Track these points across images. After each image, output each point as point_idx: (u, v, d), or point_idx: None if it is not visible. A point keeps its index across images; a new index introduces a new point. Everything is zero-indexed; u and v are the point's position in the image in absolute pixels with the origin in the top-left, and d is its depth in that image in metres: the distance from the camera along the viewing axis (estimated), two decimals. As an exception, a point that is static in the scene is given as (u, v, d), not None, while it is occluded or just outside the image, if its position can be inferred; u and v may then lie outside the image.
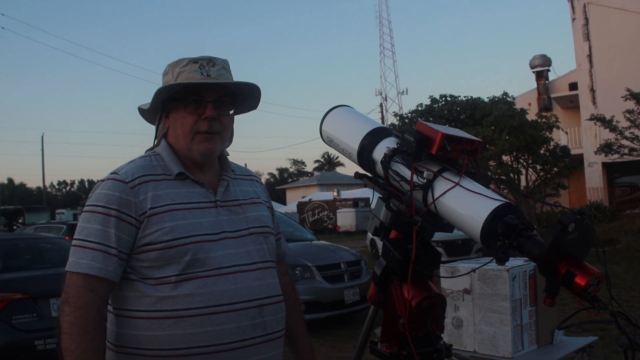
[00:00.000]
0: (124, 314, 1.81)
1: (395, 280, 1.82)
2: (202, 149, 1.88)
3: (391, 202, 1.82)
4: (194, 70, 1.85)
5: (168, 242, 1.76)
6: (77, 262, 1.74)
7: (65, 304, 1.71)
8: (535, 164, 20.77)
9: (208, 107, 1.86)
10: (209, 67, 1.86)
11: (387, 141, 1.87)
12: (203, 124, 1.86)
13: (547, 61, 32.91)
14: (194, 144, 1.87)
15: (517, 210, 1.57)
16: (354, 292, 8.77)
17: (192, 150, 1.88)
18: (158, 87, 1.86)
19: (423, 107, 26.57)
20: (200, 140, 1.87)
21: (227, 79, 1.90)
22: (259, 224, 1.98)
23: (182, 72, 1.86)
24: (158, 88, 1.85)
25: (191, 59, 1.87)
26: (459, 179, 1.65)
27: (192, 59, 1.87)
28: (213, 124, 1.86)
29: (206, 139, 1.87)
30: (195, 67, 1.85)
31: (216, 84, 1.86)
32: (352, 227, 36.77)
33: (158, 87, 1.86)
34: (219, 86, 1.88)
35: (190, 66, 1.86)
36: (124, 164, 1.90)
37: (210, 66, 1.87)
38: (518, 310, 3.40)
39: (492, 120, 20.64)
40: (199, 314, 1.76)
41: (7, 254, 7.44)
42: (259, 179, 2.18)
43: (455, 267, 3.39)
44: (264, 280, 1.90)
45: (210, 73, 1.86)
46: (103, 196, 1.79)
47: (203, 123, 1.86)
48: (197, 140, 1.87)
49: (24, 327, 5.85)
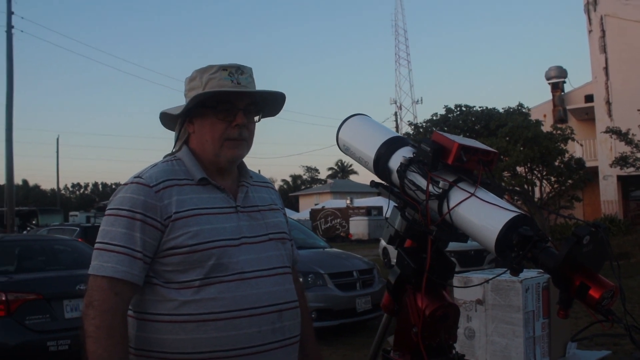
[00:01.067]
0: (146, 318, 1.82)
1: (409, 289, 1.83)
2: (230, 155, 1.90)
3: (406, 211, 1.83)
4: (223, 77, 1.87)
5: (193, 247, 1.78)
6: (102, 265, 1.75)
7: (89, 307, 1.72)
8: (550, 175, 20.64)
9: (239, 115, 1.88)
10: (238, 74, 1.89)
11: (404, 150, 1.88)
12: (233, 131, 1.88)
13: (563, 73, 32.78)
14: (222, 150, 1.89)
15: (532, 221, 1.57)
16: (366, 300, 8.76)
17: (220, 157, 1.90)
18: (193, 95, 1.87)
19: (438, 117, 26.49)
20: (229, 146, 1.89)
21: (254, 87, 1.93)
22: (278, 230, 2.00)
23: (212, 79, 1.87)
24: (195, 95, 1.86)
25: (220, 66, 1.89)
26: (474, 190, 1.66)
27: (222, 66, 1.89)
28: (242, 131, 1.89)
29: (235, 146, 1.90)
30: (224, 75, 1.87)
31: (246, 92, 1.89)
32: (364, 236, 36.69)
33: (193, 95, 1.87)
34: (248, 94, 1.90)
35: (219, 73, 1.88)
36: (146, 167, 1.91)
37: (239, 74, 1.89)
38: (531, 322, 3.38)
39: (507, 131, 20.56)
40: (221, 318, 1.77)
41: (22, 255, 7.52)
42: (274, 186, 2.20)
43: (468, 278, 3.38)
44: (282, 286, 1.92)
45: (240, 81, 1.88)
46: (127, 200, 1.80)
47: (233, 130, 1.88)
48: (226, 146, 1.89)
49: (36, 327, 5.90)
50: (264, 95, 1.96)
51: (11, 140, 25.27)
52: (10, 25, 25.72)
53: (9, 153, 25.22)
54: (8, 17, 25.75)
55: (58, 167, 51.01)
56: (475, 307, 3.40)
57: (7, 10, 25.77)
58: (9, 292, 5.87)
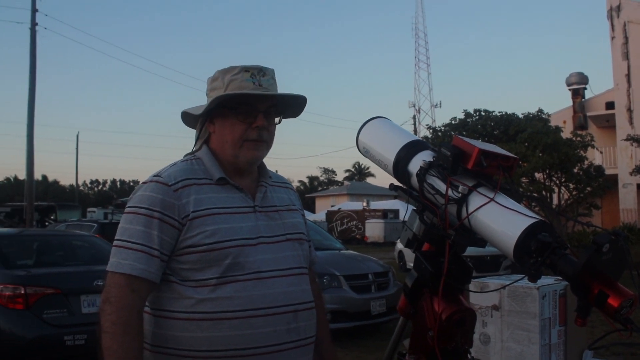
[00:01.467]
0: (162, 315, 1.84)
1: (426, 293, 1.83)
2: (249, 157, 1.91)
3: (425, 214, 1.83)
4: (245, 79, 1.88)
5: (210, 245, 1.79)
6: (120, 262, 1.76)
7: (106, 303, 1.73)
8: (569, 182, 20.49)
9: (259, 117, 1.89)
10: (260, 76, 1.89)
11: (423, 154, 1.88)
12: (253, 133, 1.89)
13: (584, 79, 32.52)
14: (242, 151, 1.90)
15: (551, 228, 1.57)
16: (381, 303, 8.74)
17: (239, 157, 1.91)
18: (214, 95, 1.88)
19: (457, 121, 26.42)
20: (249, 147, 1.90)
21: (276, 89, 1.93)
22: (295, 230, 2.01)
23: (234, 80, 1.88)
24: (216, 96, 1.87)
25: (242, 67, 1.90)
26: (493, 195, 1.66)
27: (244, 67, 1.90)
28: (262, 132, 1.90)
29: (254, 147, 1.91)
30: (246, 76, 1.88)
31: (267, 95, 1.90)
32: (380, 238, 36.61)
33: (214, 95, 1.88)
34: (269, 96, 1.91)
35: (241, 74, 1.88)
36: (166, 166, 1.93)
37: (261, 76, 1.90)
38: (547, 329, 3.37)
39: (526, 136, 20.44)
40: (237, 316, 1.78)
41: (40, 249, 7.59)
42: (293, 187, 2.21)
43: (484, 283, 3.37)
44: (299, 286, 1.93)
45: (262, 83, 1.89)
46: (146, 198, 1.82)
47: (253, 131, 1.89)
48: (245, 147, 1.90)
49: (54, 321, 5.95)
50: (285, 98, 1.97)
51: (32, 136, 25.55)
52: (34, 23, 26.01)
53: (30, 149, 25.49)
54: (32, 14, 26.04)
55: (77, 163, 51.82)
56: (491, 313, 3.38)
57: (32, 8, 26.07)
58: (27, 286, 5.92)
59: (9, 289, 5.89)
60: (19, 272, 6.31)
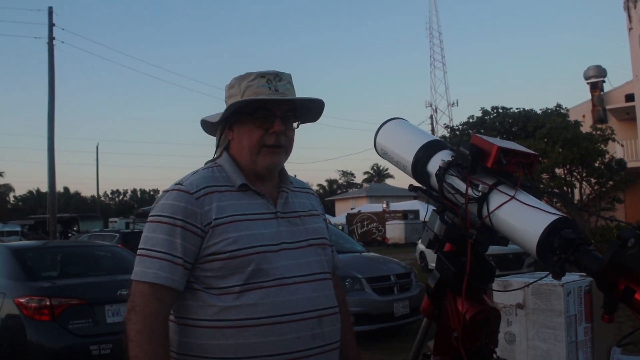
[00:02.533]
0: (187, 323, 1.84)
1: (449, 293, 1.82)
2: (267, 162, 1.91)
3: (445, 214, 1.82)
4: (261, 84, 1.88)
5: (232, 252, 1.79)
6: (144, 271, 1.78)
7: (132, 312, 1.75)
8: (590, 177, 20.28)
9: (276, 122, 1.89)
10: (276, 81, 1.90)
11: (442, 154, 1.87)
12: (270, 138, 1.89)
13: (602, 72, 32.15)
14: (260, 156, 1.90)
15: (574, 224, 1.55)
16: (404, 304, 8.71)
17: (257, 163, 1.91)
18: (232, 102, 1.89)
19: (474, 119, 26.27)
20: (266, 153, 1.90)
21: (293, 93, 1.93)
22: (318, 235, 2.00)
23: (250, 86, 1.89)
24: (231, 103, 1.89)
25: (258, 73, 1.91)
26: (514, 193, 1.65)
27: (260, 73, 1.91)
28: (280, 138, 1.90)
29: (272, 153, 1.91)
30: (262, 82, 1.89)
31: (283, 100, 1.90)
32: (401, 240, 36.49)
33: (232, 102, 1.89)
34: (286, 101, 1.91)
35: (257, 80, 1.89)
36: (187, 174, 1.94)
37: (277, 81, 1.90)
38: (573, 327, 3.33)
39: (545, 132, 20.28)
40: (261, 323, 1.78)
41: (64, 260, 7.66)
42: (314, 192, 2.21)
43: (508, 281, 3.35)
44: (322, 292, 1.92)
45: (278, 88, 1.89)
46: (169, 207, 1.83)
47: (270, 137, 1.89)
48: (263, 153, 1.90)
49: (80, 332, 6.00)
50: (302, 101, 1.97)
51: (53, 149, 25.85)
52: (52, 37, 26.32)
53: (51, 161, 25.79)
54: (49, 29, 26.37)
55: (98, 174, 52.08)
56: (516, 311, 3.36)
57: (49, 23, 26.39)
58: (53, 297, 5.98)
59: (35, 300, 5.95)
60: (44, 284, 6.37)
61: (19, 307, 5.94)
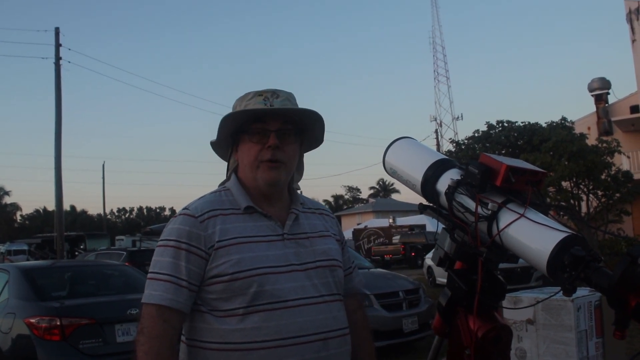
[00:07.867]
0: (196, 345, 1.86)
1: (460, 311, 1.83)
2: (267, 178, 1.92)
3: (455, 233, 1.84)
4: (258, 102, 1.92)
5: (234, 274, 1.81)
6: (151, 293, 1.81)
7: (140, 334, 1.77)
8: (597, 189, 20.24)
9: (271, 136, 1.91)
10: (273, 98, 1.93)
11: (451, 172, 1.89)
12: (266, 153, 1.90)
13: (607, 84, 32.09)
14: (259, 172, 1.92)
15: (584, 241, 1.56)
16: (413, 320, 8.67)
17: (257, 180, 1.93)
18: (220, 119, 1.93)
19: (480, 133, 26.29)
20: (265, 169, 1.92)
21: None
22: (326, 257, 1.99)
23: (248, 105, 1.93)
24: (221, 119, 1.92)
25: (256, 92, 1.95)
26: (524, 211, 1.66)
27: (258, 92, 1.95)
28: (276, 152, 1.91)
29: (270, 168, 1.92)
30: (259, 100, 1.92)
31: (278, 114, 1.92)
32: (408, 254, 36.30)
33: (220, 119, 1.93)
34: (281, 115, 1.93)
35: (255, 99, 1.93)
36: (195, 199, 1.97)
37: (274, 98, 1.93)
38: (584, 342, 3.32)
39: (550, 145, 20.28)
40: (265, 347, 1.79)
41: (74, 280, 7.67)
42: (330, 212, 2.20)
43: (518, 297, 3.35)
44: (329, 314, 1.91)
45: (274, 104, 1.92)
46: (175, 231, 1.86)
47: (266, 152, 1.90)
48: (262, 169, 1.92)
49: (90, 351, 6.00)
50: (299, 116, 1.98)
51: (60, 168, 25.97)
52: (59, 57, 26.54)
53: (58, 180, 25.90)
54: (56, 49, 26.59)
55: (104, 192, 52.28)
56: (526, 327, 3.36)
57: (55, 43, 26.62)
58: (63, 317, 5.98)
59: (45, 320, 5.96)
60: (53, 304, 6.37)
61: (30, 327, 5.95)
